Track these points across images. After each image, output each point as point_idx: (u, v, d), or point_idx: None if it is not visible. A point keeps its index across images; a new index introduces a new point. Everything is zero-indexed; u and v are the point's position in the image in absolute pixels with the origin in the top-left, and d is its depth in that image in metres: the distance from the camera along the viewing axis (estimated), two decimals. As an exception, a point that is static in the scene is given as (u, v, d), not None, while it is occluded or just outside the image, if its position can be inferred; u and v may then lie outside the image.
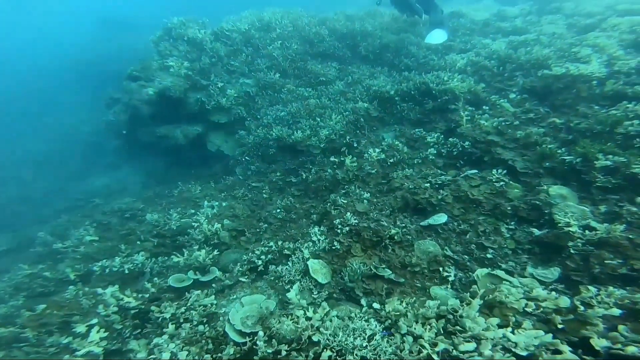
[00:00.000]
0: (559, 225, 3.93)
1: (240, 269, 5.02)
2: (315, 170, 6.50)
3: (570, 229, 3.79)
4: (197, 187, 7.75)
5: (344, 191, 5.90)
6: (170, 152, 8.60)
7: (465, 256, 4.38)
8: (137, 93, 8.23)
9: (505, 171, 5.02)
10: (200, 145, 8.45)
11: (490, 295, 3.34)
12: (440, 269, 4.25)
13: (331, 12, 11.21)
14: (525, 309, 3.18)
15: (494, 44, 8.66)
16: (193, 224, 6.09)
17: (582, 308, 3.10)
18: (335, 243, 4.78)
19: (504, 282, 3.69)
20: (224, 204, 6.79)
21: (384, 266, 4.41)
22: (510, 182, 4.92)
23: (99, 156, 11.11)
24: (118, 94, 9.61)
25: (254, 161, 7.47)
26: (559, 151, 4.90)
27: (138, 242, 6.28)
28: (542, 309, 3.18)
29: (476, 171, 5.34)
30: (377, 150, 6.31)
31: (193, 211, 6.86)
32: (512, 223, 4.50)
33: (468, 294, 3.46)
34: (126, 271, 5.46)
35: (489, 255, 4.25)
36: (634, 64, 6.20)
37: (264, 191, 6.84)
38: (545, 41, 8.20)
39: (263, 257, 5.05)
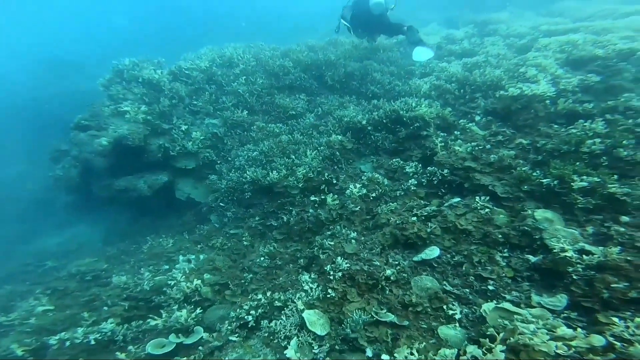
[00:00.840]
0: (554, 251, 3.96)
1: (229, 326, 4.59)
2: (297, 212, 6.23)
3: (566, 254, 3.82)
4: (168, 240, 7.12)
5: (329, 232, 5.68)
6: (133, 204, 7.89)
7: (466, 289, 4.28)
8: (88, 144, 7.52)
9: (488, 197, 5.08)
10: (167, 194, 7.83)
11: (512, 338, 3.17)
12: (444, 306, 4.11)
13: (293, 44, 11.24)
14: (556, 351, 2.95)
15: (450, 67, 9.07)
16: (169, 281, 5.52)
17: (618, 344, 2.95)
18: (330, 290, 4.51)
19: (515, 315, 3.58)
20: (201, 256, 6.28)
21: (384, 310, 4.21)
22: (495, 208, 4.99)
23: (48, 214, 9.92)
24: (65, 145, 8.74)
25: (230, 207, 7.01)
26: (534, 173, 5.06)
27: (105, 308, 5.52)
28: (573, 349, 2.97)
29: (459, 199, 5.38)
30: (358, 185, 6.19)
31: (167, 267, 6.29)
32: (505, 250, 4.49)
33: (487, 339, 3.31)
34: (92, 342, 4.72)
35: (490, 287, 4.18)
36: (576, 82, 6.71)
37: (244, 238, 6.41)
38: (494, 62, 8.70)
39: (253, 312, 4.64)
